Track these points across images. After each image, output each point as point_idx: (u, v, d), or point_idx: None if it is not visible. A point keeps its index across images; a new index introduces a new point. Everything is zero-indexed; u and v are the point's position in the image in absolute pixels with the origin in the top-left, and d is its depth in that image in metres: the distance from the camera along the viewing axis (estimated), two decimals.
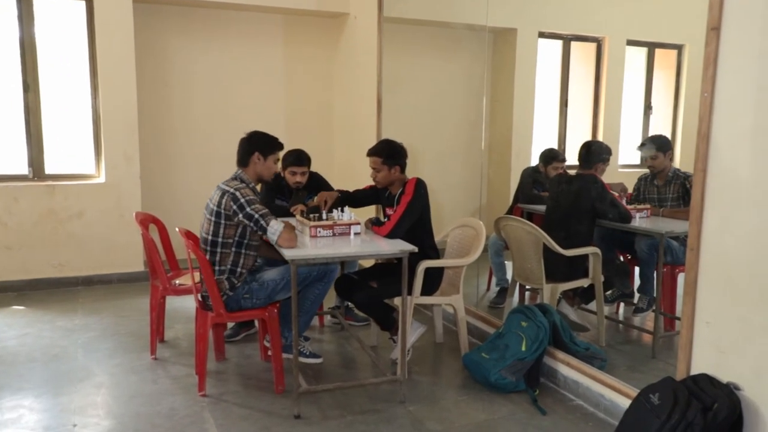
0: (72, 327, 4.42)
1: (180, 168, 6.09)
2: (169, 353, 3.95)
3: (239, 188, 3.18)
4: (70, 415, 3.11)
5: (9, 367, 3.69)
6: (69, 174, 5.44)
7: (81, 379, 3.56)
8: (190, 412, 3.13)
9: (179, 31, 5.92)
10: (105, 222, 5.45)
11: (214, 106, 6.14)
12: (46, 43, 5.24)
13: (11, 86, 5.18)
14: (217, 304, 3.22)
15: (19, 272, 5.25)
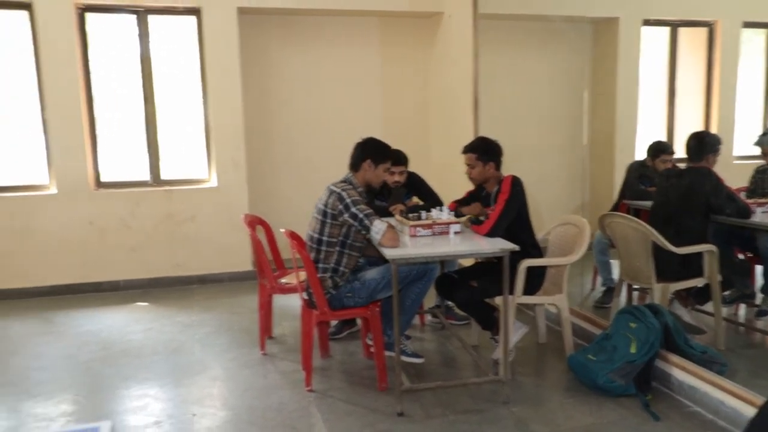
0: (189, 323, 4.71)
1: (284, 172, 6.33)
2: (277, 349, 4.13)
3: (346, 189, 3.28)
4: (190, 405, 3.32)
5: (135, 359, 3.99)
6: (184, 179, 5.80)
7: (198, 371, 3.79)
8: (298, 407, 3.26)
9: (280, 39, 6.16)
10: (216, 224, 5.77)
11: (314, 111, 6.34)
12: (162, 57, 5.62)
13: (133, 99, 5.60)
14: (321, 302, 3.33)
15: (142, 271, 5.67)
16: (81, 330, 4.59)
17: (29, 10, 5.20)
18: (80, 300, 5.37)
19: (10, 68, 5.32)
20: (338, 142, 6.27)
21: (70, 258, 5.49)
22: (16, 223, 5.31)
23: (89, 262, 5.53)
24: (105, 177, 5.61)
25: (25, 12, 5.22)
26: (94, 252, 5.53)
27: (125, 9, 5.43)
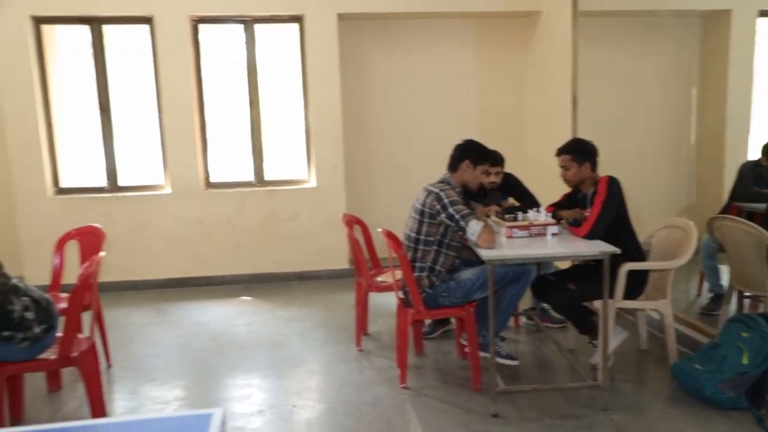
0: (290, 317, 4.92)
1: (380, 173, 6.45)
2: (372, 346, 4.23)
3: (444, 189, 3.33)
4: (290, 397, 3.48)
5: (241, 351, 4.23)
6: (285, 180, 6.05)
7: (298, 365, 3.96)
8: (393, 403, 3.34)
9: (377, 44, 6.28)
10: (315, 223, 5.98)
11: (410, 113, 6.42)
12: (266, 63, 5.89)
13: (239, 104, 5.91)
14: (417, 301, 3.39)
15: (246, 267, 5.97)
16: (191, 321, 4.91)
17: (150, 23, 5.62)
18: (191, 293, 5.73)
19: (134, 78, 5.77)
20: (433, 144, 6.35)
21: (182, 253, 5.87)
22: (135, 221, 5.75)
23: (199, 258, 5.90)
24: (214, 178, 5.96)
25: (147, 26, 5.65)
26: (203, 248, 5.89)
27: (234, 19, 5.75)
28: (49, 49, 5.65)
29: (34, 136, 5.54)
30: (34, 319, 2.82)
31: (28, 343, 2.81)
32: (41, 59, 5.58)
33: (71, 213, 5.55)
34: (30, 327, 2.80)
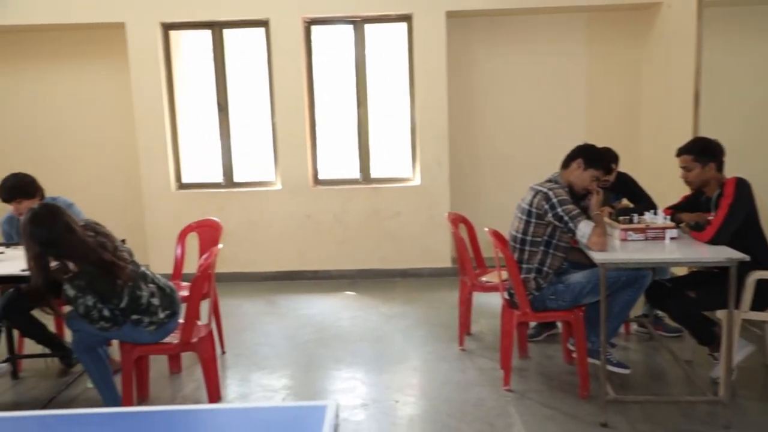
0: (392, 314, 4.97)
1: (485, 171, 6.38)
2: (474, 345, 4.20)
3: (553, 188, 3.24)
4: (393, 392, 3.52)
5: (345, 344, 4.33)
6: (390, 178, 6.12)
7: (400, 361, 4.00)
8: (496, 405, 3.29)
9: (485, 40, 6.21)
10: (418, 221, 6.01)
11: (517, 111, 6.29)
12: (374, 62, 5.98)
13: (347, 103, 6.04)
14: (523, 302, 3.32)
15: (350, 263, 6.10)
16: (299, 313, 5.08)
17: (266, 26, 5.88)
18: (298, 286, 5.94)
19: (250, 79, 6.05)
20: (540, 142, 6.21)
21: (291, 248, 6.09)
22: (248, 215, 6.04)
23: (306, 252, 6.09)
24: (322, 175, 6.13)
25: (263, 29, 5.91)
26: (311, 243, 6.08)
27: (344, 20, 5.89)
28: (175, 54, 6.04)
29: (160, 135, 5.95)
30: (160, 305, 3.04)
31: (153, 327, 3.03)
32: (168, 63, 5.98)
33: (191, 207, 5.91)
34: (155, 312, 3.02)
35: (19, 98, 6.36)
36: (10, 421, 1.39)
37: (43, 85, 6.33)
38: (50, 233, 2.78)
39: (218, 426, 1.33)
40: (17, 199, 3.79)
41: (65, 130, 6.38)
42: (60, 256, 2.85)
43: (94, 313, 2.87)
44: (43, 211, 2.85)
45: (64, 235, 2.80)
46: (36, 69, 6.32)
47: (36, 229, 2.79)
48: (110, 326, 2.94)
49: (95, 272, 2.83)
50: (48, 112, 6.37)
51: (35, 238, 2.78)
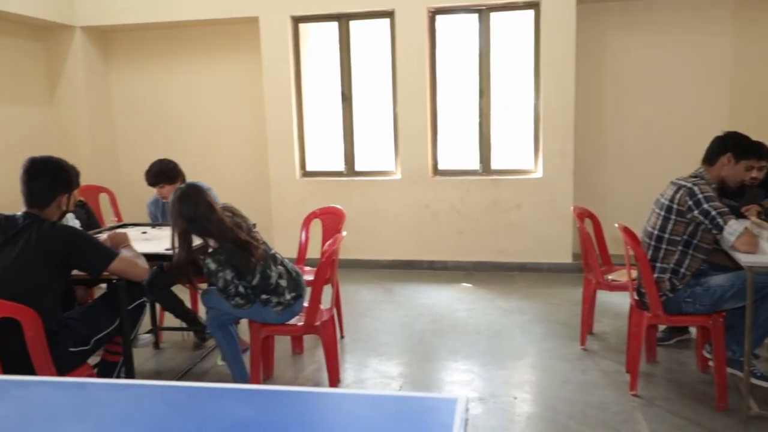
0: (509, 308, 4.88)
1: (614, 163, 6.08)
2: (597, 346, 4.02)
3: (698, 184, 3.02)
4: (511, 388, 3.46)
5: (461, 335, 4.30)
6: (511, 169, 5.99)
7: (518, 357, 3.92)
8: (621, 410, 3.14)
9: (618, 27, 5.89)
10: (539, 214, 5.84)
11: (651, 102, 5.93)
12: (498, 52, 5.86)
13: (468, 92, 5.97)
14: (655, 304, 3.13)
15: (467, 254, 6.05)
16: (416, 302, 5.12)
17: (391, 17, 5.93)
18: (415, 275, 5.98)
19: (374, 69, 6.14)
20: (676, 134, 5.82)
21: (408, 237, 6.14)
22: (368, 203, 6.15)
23: (424, 242, 6.12)
24: (441, 165, 6.11)
25: (387, 19, 5.97)
26: (428, 233, 6.09)
27: (470, 8, 5.80)
28: (303, 46, 6.24)
29: (288, 125, 6.20)
30: (287, 286, 3.18)
31: (280, 308, 3.17)
32: (297, 55, 6.20)
33: (314, 194, 6.12)
34: (283, 293, 3.16)
35: (158, 90, 6.85)
36: (153, 389, 1.51)
37: (181, 77, 6.78)
38: (195, 211, 3.01)
39: (346, 411, 1.36)
40: (161, 183, 4.11)
41: (200, 121, 6.80)
42: (202, 233, 3.07)
43: (231, 288, 3.05)
44: (190, 190, 3.08)
45: (207, 213, 3.02)
46: (174, 63, 6.78)
47: (183, 206, 3.02)
48: (243, 303, 3.11)
49: (233, 249, 3.02)
50: (185, 103, 6.81)
51: (182, 215, 3.02)
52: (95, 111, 6.70)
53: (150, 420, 1.36)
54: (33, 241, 2.58)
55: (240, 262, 3.02)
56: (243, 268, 3.04)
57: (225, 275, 3.01)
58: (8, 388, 1.54)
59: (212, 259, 3.02)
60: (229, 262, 3.01)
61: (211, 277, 3.03)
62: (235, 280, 3.05)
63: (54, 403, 1.47)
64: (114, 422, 1.36)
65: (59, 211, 2.80)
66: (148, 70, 6.85)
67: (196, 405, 1.40)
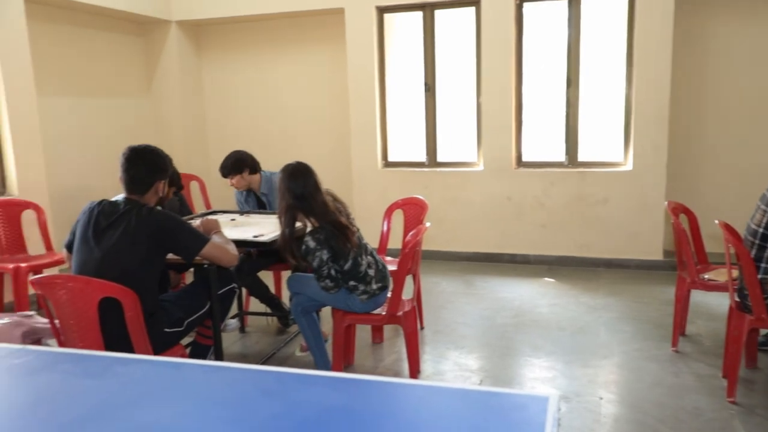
0: (594, 305, 4.72)
1: (712, 156, 5.73)
2: (690, 348, 3.83)
3: None
4: (597, 388, 3.34)
5: (543, 331, 4.20)
6: (598, 161, 5.77)
7: (604, 356, 3.78)
8: (717, 417, 2.97)
9: (722, 14, 5.52)
10: (628, 209, 5.60)
11: (755, 93, 5.53)
12: (588, 40, 5.64)
13: (555, 82, 5.79)
14: (759, 307, 2.93)
15: (550, 248, 5.90)
16: (497, 296, 5.04)
17: (477, 5, 5.83)
18: (495, 268, 5.89)
19: (458, 59, 6.07)
20: None
21: (490, 229, 6.05)
22: (449, 195, 6.10)
23: (505, 235, 6.01)
24: (525, 157, 5.97)
25: (473, 8, 5.88)
26: (510, 226, 5.98)
27: None
28: (387, 36, 6.25)
29: (370, 115, 6.23)
30: (374, 276, 3.21)
31: (366, 297, 3.20)
32: (381, 45, 6.21)
33: (395, 185, 6.13)
34: (370, 282, 3.19)
35: (245, 81, 7.06)
36: (245, 372, 1.56)
37: (267, 69, 6.95)
38: (304, 188, 3.12)
39: (435, 404, 1.35)
40: (236, 174, 4.25)
41: (285, 111, 6.96)
42: (306, 211, 3.15)
43: (324, 269, 3.11)
44: (301, 167, 3.20)
45: (314, 192, 3.14)
46: (261, 54, 6.95)
47: (292, 182, 3.13)
48: (332, 286, 3.17)
49: (332, 230, 3.09)
50: (270, 94, 6.98)
51: (291, 191, 3.12)
52: (188, 102, 6.99)
53: (241, 401, 1.40)
54: (132, 225, 2.71)
55: (337, 245, 3.09)
56: (339, 251, 3.10)
57: (322, 255, 3.08)
58: (111, 365, 1.63)
59: (312, 237, 3.09)
60: (327, 243, 3.08)
61: (308, 255, 3.09)
62: (330, 261, 3.11)
63: (152, 380, 1.54)
64: (208, 402, 1.41)
65: (156, 197, 2.93)
66: (237, 62, 7.07)
67: (285, 390, 1.44)
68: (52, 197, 5.21)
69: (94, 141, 6.12)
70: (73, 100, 5.99)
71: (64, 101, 5.86)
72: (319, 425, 1.24)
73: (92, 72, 6.21)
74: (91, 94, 6.20)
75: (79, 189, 5.75)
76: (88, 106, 6.14)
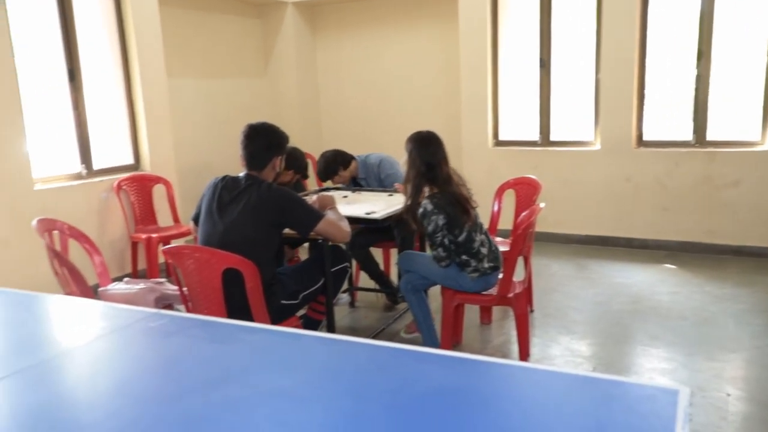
0: (721, 295, 4.40)
1: None
2: None
3: None
4: (723, 384, 3.13)
5: (663, 320, 3.98)
6: (731, 141, 5.34)
7: (732, 349, 3.53)
8: None
9: None
10: (762, 192, 5.15)
11: None
12: (723, 9, 5.18)
13: (685, 56, 5.39)
14: None
15: (671, 233, 5.55)
16: (612, 281, 4.83)
17: None
18: (610, 252, 5.64)
19: (575, 33, 5.80)
20: None
21: (606, 211, 5.78)
22: (562, 175, 5.88)
23: (623, 217, 5.72)
24: (647, 136, 5.63)
25: None
26: (628, 208, 5.68)
27: None
28: (501, 11, 6.07)
29: (482, 93, 6.11)
30: (486, 255, 3.17)
31: (476, 275, 3.17)
32: (494, 21, 6.05)
33: (505, 163, 6.00)
34: (482, 260, 3.16)
35: (357, 60, 7.14)
36: (361, 345, 1.59)
37: (379, 48, 6.99)
38: (434, 158, 3.17)
39: (553, 390, 1.31)
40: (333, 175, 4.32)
41: (396, 90, 6.98)
42: (432, 180, 3.17)
43: (439, 236, 3.12)
44: (432, 136, 3.25)
45: (442, 162, 3.19)
46: (373, 33, 7.00)
47: (424, 150, 3.18)
48: (444, 257, 3.16)
49: (452, 198, 3.12)
50: (381, 72, 7.03)
51: (421, 158, 3.17)
52: (302, 81, 7.19)
53: (358, 374, 1.43)
54: (252, 201, 2.83)
55: (455, 213, 3.09)
56: (455, 219, 3.10)
57: (438, 220, 3.08)
58: (237, 332, 1.72)
59: (431, 200, 3.11)
60: (445, 209, 3.09)
61: (425, 218, 3.11)
62: (445, 229, 3.10)
63: (274, 349, 1.61)
64: (326, 372, 1.46)
65: (273, 172, 3.04)
66: (349, 41, 7.17)
67: (400, 365, 1.45)
68: (179, 173, 5.56)
69: (215, 120, 6.45)
70: (197, 82, 6.33)
71: (189, 82, 6.21)
72: (435, 403, 1.24)
73: (214, 54, 6.53)
74: (213, 75, 6.52)
75: (201, 165, 6.09)
76: (209, 86, 6.47)
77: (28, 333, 1.80)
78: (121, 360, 1.60)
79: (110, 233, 4.91)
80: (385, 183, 4.32)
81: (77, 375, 1.53)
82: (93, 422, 1.26)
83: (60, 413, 1.31)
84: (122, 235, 4.99)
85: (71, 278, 2.90)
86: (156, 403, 1.32)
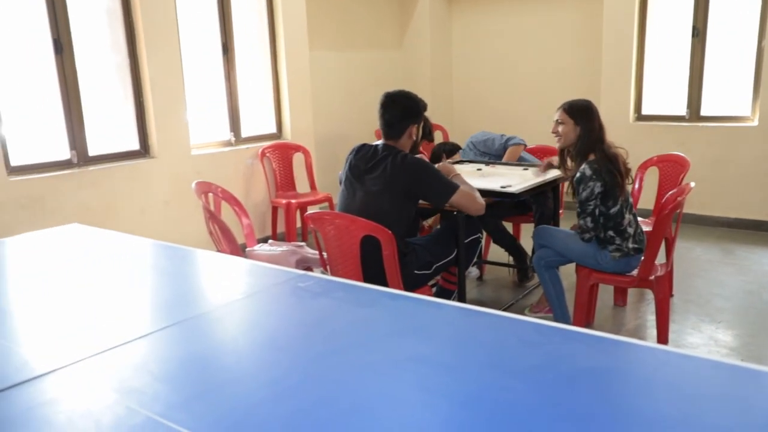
0: None
1: None
2: None
3: None
4: None
5: None
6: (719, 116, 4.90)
7: None
8: None
9: None
10: None
11: None
12: None
13: None
14: None
15: None
16: (765, 269, 4.46)
17: None
18: (764, 238, 5.19)
19: None
20: None
21: (760, 194, 5.32)
22: (712, 153, 5.46)
23: None
24: None
25: None
26: None
27: None
28: None
29: (626, 64, 5.77)
30: (632, 235, 3.05)
31: (618, 254, 3.06)
32: None
33: (647, 140, 5.65)
34: (627, 240, 3.04)
35: (492, 33, 6.98)
36: (499, 318, 1.60)
37: (515, 20, 6.78)
38: (590, 124, 3.12)
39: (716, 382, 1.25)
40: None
41: (531, 63, 6.76)
42: (587, 147, 3.11)
43: (590, 204, 3.04)
44: (591, 104, 3.22)
45: (600, 131, 3.13)
46: (510, 6, 6.79)
47: (582, 118, 3.14)
48: (590, 228, 3.08)
49: (611, 168, 3.02)
50: (517, 46, 6.82)
51: (579, 124, 3.14)
52: (436, 54, 7.16)
53: (500, 348, 1.44)
54: (387, 171, 2.89)
55: (611, 182, 3.01)
56: (611, 189, 3.02)
57: (595, 187, 3.01)
58: (380, 298, 1.79)
59: (590, 165, 3.04)
60: (603, 177, 3.01)
61: (581, 183, 3.04)
62: (599, 198, 3.03)
63: (416, 316, 1.66)
64: (468, 343, 1.49)
65: (410, 141, 3.07)
66: (486, 14, 7.02)
67: (544, 342, 1.44)
68: (317, 142, 5.80)
69: (351, 91, 6.60)
70: (335, 54, 6.50)
71: (328, 55, 6.39)
72: (586, 384, 1.23)
73: (353, 27, 6.66)
74: (351, 47, 6.66)
75: (337, 136, 6.29)
76: (347, 59, 6.61)
77: (186, 287, 1.98)
78: (271, 317, 1.73)
79: (254, 197, 5.24)
80: (499, 152, 4.30)
81: (232, 328, 1.66)
82: (247, 374, 1.36)
83: (218, 361, 1.43)
84: (264, 199, 5.31)
85: (223, 237, 3.14)
86: (305, 360, 1.39)
